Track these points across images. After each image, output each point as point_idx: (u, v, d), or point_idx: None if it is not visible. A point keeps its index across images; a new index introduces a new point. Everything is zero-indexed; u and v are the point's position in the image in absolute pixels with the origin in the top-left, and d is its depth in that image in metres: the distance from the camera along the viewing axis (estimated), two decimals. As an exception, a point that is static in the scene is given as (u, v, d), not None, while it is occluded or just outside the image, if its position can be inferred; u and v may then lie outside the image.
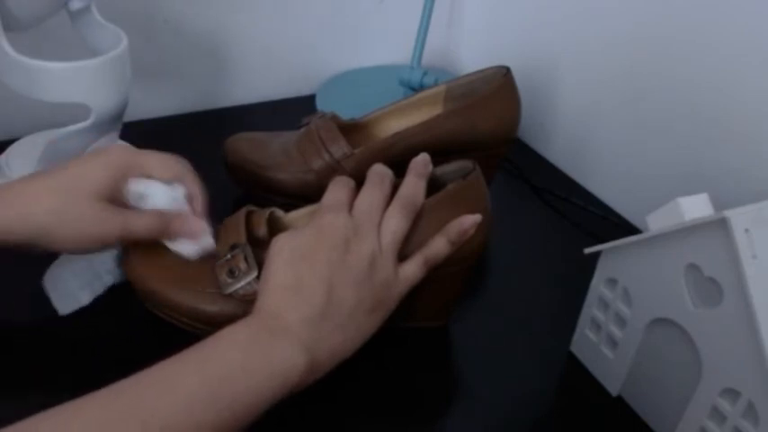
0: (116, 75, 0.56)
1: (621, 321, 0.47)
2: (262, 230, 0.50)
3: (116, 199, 0.47)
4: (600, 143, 0.73)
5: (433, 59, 0.92)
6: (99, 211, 0.45)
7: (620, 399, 0.49)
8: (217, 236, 0.49)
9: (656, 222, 0.43)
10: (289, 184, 0.61)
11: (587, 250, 0.47)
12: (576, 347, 0.52)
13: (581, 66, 0.73)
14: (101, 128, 0.59)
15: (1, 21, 0.51)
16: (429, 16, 0.80)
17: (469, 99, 0.60)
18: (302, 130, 0.63)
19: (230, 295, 0.47)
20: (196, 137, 0.72)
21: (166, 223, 0.48)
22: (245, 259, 0.47)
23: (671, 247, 0.41)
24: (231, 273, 0.47)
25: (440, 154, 0.52)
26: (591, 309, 0.50)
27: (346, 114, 0.65)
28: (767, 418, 0.38)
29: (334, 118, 0.62)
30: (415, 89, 0.79)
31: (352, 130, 0.63)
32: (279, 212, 0.52)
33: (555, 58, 0.76)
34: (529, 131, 0.81)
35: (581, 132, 0.75)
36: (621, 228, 0.67)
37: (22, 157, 0.63)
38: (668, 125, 0.64)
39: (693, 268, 0.40)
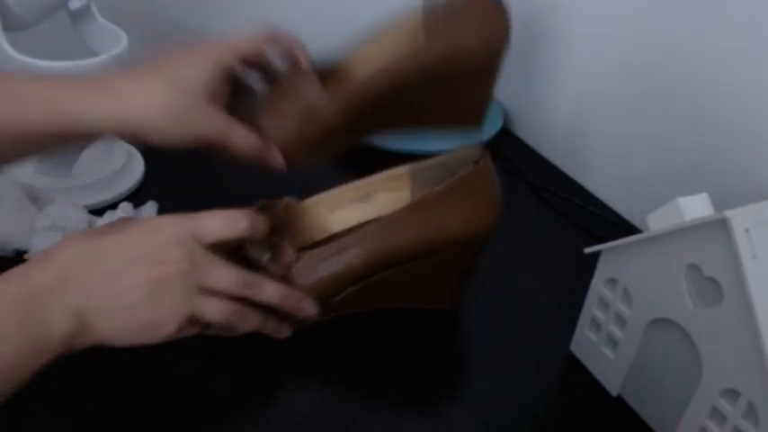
0: (116, 74, 0.56)
1: (621, 321, 0.47)
2: (279, 220, 0.50)
3: (219, 99, 0.46)
4: (600, 143, 0.73)
5: None
6: (208, 112, 0.44)
7: (620, 399, 0.49)
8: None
9: (656, 222, 0.43)
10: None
11: (587, 250, 0.47)
12: (576, 347, 0.52)
13: (581, 65, 0.73)
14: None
15: (1, 20, 0.52)
16: None
17: (450, 16, 0.51)
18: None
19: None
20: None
21: (266, 151, 0.47)
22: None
23: (671, 247, 0.41)
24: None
25: (425, 87, 0.50)
26: (591, 309, 0.50)
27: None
28: (767, 418, 0.38)
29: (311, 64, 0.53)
30: None
31: (330, 75, 0.52)
32: (293, 201, 0.53)
33: (555, 59, 0.76)
34: (529, 131, 0.81)
35: (581, 132, 0.75)
36: (621, 228, 0.67)
37: (22, 156, 0.63)
38: (669, 125, 0.64)
39: (693, 268, 0.40)
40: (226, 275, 0.42)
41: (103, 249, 0.40)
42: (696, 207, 0.42)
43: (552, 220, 0.68)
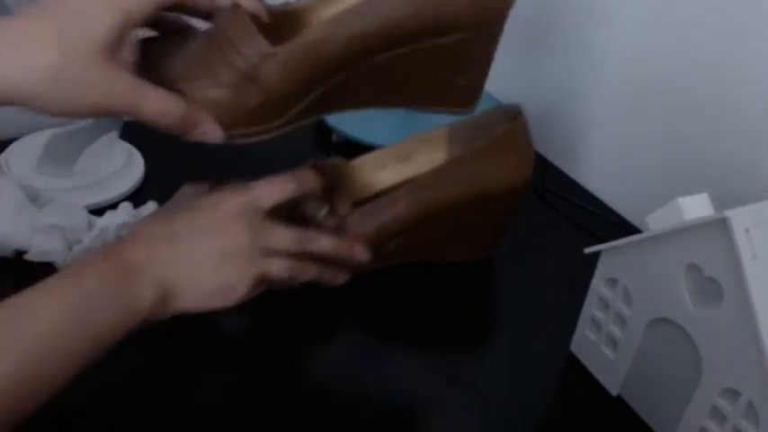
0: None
1: (621, 321, 0.47)
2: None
3: (125, 57, 0.39)
4: (600, 143, 0.73)
5: None
6: (105, 73, 0.37)
7: (620, 399, 0.49)
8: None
9: (656, 222, 0.43)
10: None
11: (587, 250, 0.47)
12: (576, 347, 0.52)
13: (581, 65, 0.73)
14: (101, 127, 0.59)
15: (1, 20, 0.51)
16: None
17: None
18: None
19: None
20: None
21: (191, 119, 0.41)
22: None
23: (671, 247, 0.41)
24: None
25: (394, 44, 0.43)
26: (591, 309, 0.50)
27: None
28: (767, 418, 0.38)
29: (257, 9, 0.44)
30: None
31: (279, 24, 0.46)
32: (341, 161, 0.55)
33: (555, 59, 0.76)
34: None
35: (581, 132, 0.75)
36: (621, 228, 0.67)
37: (22, 156, 0.63)
38: (669, 125, 0.64)
39: (693, 268, 0.40)
40: (284, 236, 0.46)
41: (178, 229, 0.44)
42: (696, 207, 0.42)
43: (552, 220, 0.68)
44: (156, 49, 0.43)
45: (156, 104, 0.39)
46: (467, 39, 0.44)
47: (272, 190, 0.46)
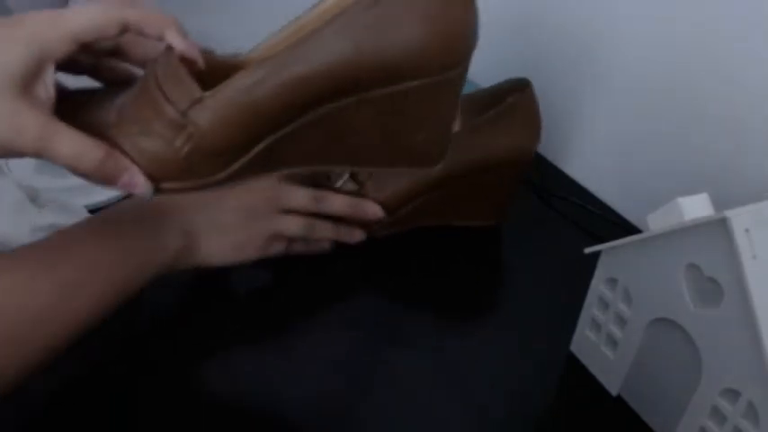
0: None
1: (621, 321, 0.47)
2: None
3: (41, 97, 0.35)
4: (600, 143, 0.73)
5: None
6: (13, 109, 0.34)
7: (620, 399, 0.49)
8: None
9: (656, 222, 0.43)
10: None
11: (587, 250, 0.47)
12: (576, 347, 0.52)
13: (581, 65, 0.73)
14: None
15: (1, 20, 0.51)
16: None
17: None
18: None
19: None
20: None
21: (111, 167, 0.36)
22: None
23: (671, 247, 0.41)
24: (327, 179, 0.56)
25: (337, 93, 0.37)
26: (591, 309, 0.50)
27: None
28: (767, 418, 0.38)
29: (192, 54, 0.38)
30: None
31: (219, 73, 0.38)
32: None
33: (555, 59, 0.76)
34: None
35: (581, 132, 0.75)
36: (621, 228, 0.67)
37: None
38: (669, 125, 0.64)
39: (693, 268, 0.40)
40: (300, 195, 0.52)
41: None
42: (696, 207, 0.42)
43: (552, 220, 0.68)
44: (90, 99, 0.40)
45: (72, 147, 0.35)
46: (420, 87, 0.37)
47: None
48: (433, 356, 0.51)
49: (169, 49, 0.37)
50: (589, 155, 0.74)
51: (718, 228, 0.37)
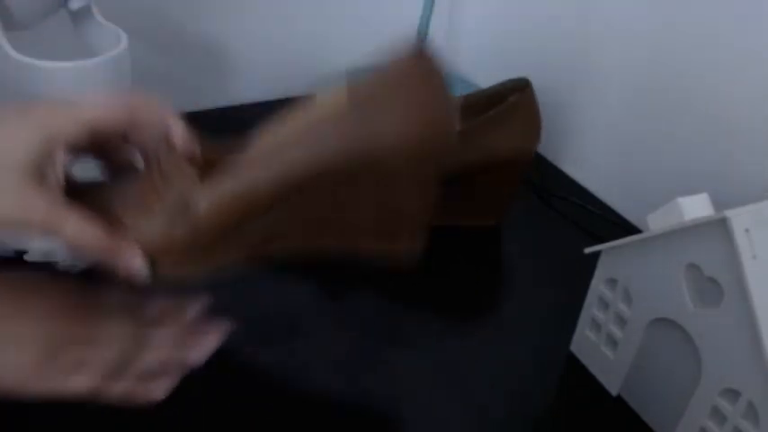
0: (116, 75, 0.56)
1: (621, 321, 0.47)
2: None
3: (52, 180, 0.37)
4: (600, 143, 0.73)
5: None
6: (25, 194, 0.35)
7: (620, 399, 0.49)
8: None
9: (656, 222, 0.43)
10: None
11: (587, 250, 0.47)
12: (576, 347, 0.52)
13: (581, 65, 0.73)
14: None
15: (1, 20, 0.52)
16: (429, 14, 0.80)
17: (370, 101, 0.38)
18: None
19: None
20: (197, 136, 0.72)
21: (114, 251, 0.38)
22: None
23: (671, 247, 0.41)
24: None
25: (337, 194, 0.39)
26: (591, 309, 0.50)
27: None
28: (767, 418, 0.38)
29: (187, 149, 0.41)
30: None
31: (215, 160, 0.41)
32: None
33: (554, 59, 0.76)
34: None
35: (581, 131, 0.75)
36: (621, 228, 0.67)
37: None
38: (669, 124, 0.64)
39: (693, 268, 0.40)
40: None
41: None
42: (696, 207, 0.42)
43: (552, 220, 0.68)
44: (96, 185, 0.42)
45: (76, 229, 0.36)
46: (395, 182, 0.39)
47: None
48: (433, 356, 0.52)
49: (170, 140, 0.40)
50: (589, 155, 0.74)
51: (718, 228, 0.37)
